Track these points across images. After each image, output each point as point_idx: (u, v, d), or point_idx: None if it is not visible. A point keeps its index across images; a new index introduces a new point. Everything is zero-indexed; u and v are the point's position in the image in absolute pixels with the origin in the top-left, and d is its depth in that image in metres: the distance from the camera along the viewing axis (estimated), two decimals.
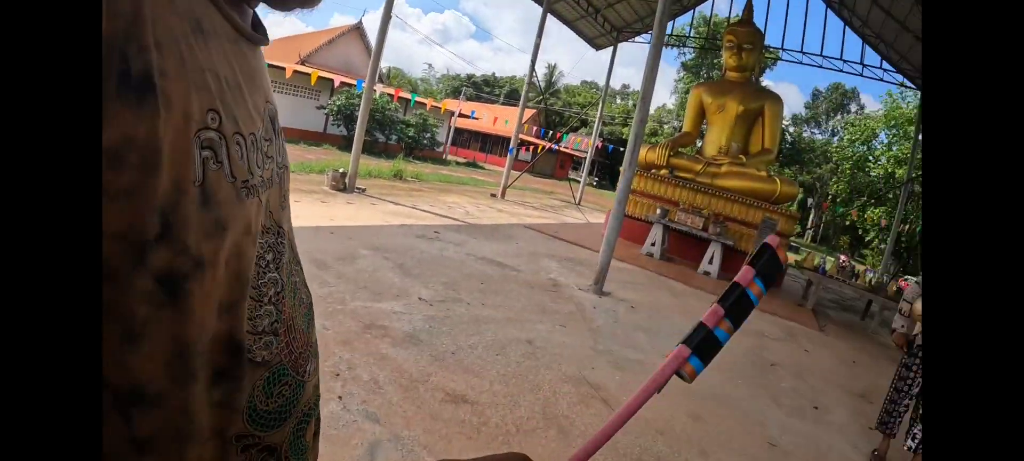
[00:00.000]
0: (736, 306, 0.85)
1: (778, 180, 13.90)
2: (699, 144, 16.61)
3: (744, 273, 0.83)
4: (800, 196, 47.95)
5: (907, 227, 25.76)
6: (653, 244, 12.80)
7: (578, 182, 26.39)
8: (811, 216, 49.37)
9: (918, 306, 5.01)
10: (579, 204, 22.86)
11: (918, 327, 4.97)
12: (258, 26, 0.68)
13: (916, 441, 4.90)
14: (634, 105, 67.30)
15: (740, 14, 16.26)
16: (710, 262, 12.45)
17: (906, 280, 17.51)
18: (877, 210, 35.93)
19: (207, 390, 0.56)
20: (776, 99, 15.18)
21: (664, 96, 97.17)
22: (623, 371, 5.34)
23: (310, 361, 0.71)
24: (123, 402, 0.49)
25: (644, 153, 14.69)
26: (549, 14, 19.45)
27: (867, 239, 41.11)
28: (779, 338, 8.66)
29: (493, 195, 18.48)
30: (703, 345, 0.83)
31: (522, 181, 26.34)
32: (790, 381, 6.67)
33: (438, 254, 7.92)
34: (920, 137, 26.62)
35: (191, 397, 0.54)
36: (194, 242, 0.51)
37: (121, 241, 0.46)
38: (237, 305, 0.58)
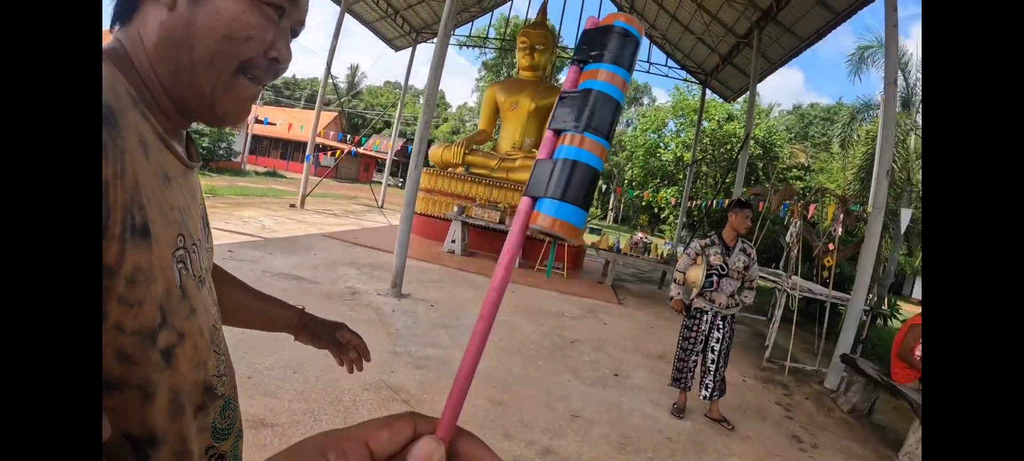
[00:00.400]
0: (575, 110, 0.57)
1: None
2: (496, 140, 16.95)
3: (569, 74, 0.57)
4: (600, 183, 50.32)
5: (695, 203, 27.91)
6: (454, 241, 12.92)
7: (380, 184, 26.10)
8: (611, 200, 52.14)
9: (691, 274, 5.43)
10: (382, 207, 22.56)
11: (694, 292, 5.40)
12: (190, 144, 0.92)
13: (709, 390, 5.42)
14: (437, 104, 67.71)
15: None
16: None
17: None
18: (670, 190, 38.87)
19: (192, 420, 0.82)
20: None
21: (466, 95, 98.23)
22: (423, 369, 5.34)
23: (237, 392, 1.00)
24: (141, 446, 0.73)
25: (440, 152, 14.86)
26: (348, 15, 19.06)
27: (663, 216, 44.34)
28: (579, 316, 9.06)
29: (293, 205, 17.74)
30: (543, 181, 0.55)
31: (325, 188, 25.66)
32: (591, 354, 6.99)
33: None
34: (704, 124, 29.37)
35: (183, 427, 0.79)
36: (179, 324, 0.77)
37: (139, 334, 0.70)
38: (206, 360, 0.85)
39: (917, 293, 34.83)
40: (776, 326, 8.56)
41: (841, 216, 10.36)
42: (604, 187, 48.77)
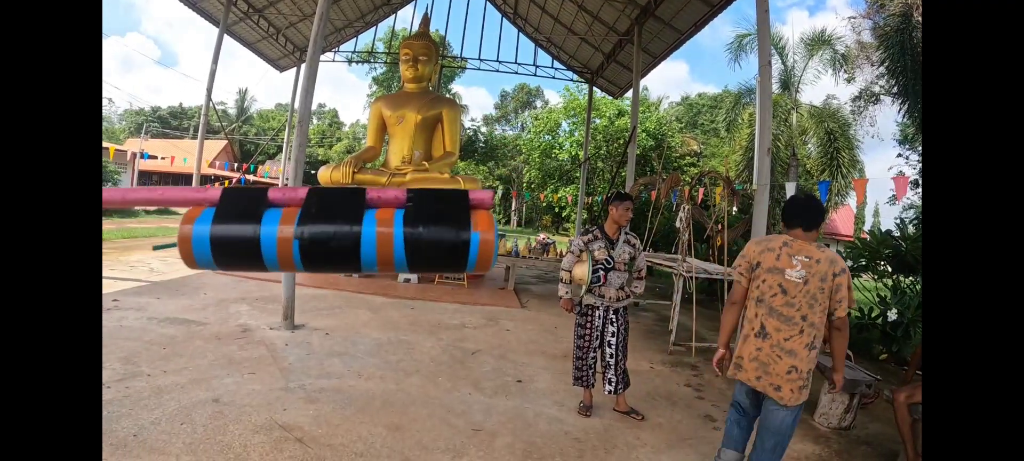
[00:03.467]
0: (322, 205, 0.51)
1: (461, 179, 14.54)
2: (385, 156, 16.59)
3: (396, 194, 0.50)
4: (500, 188, 50.76)
5: (592, 199, 28.40)
6: None
7: None
8: (513, 203, 52.52)
9: (577, 271, 5.44)
10: None
11: (582, 289, 5.43)
12: None
13: (612, 384, 5.46)
14: (330, 124, 66.48)
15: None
16: None
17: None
18: (568, 188, 39.40)
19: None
20: (453, 105, 15.72)
21: (359, 111, 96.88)
22: (316, 403, 5.17)
23: None
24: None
25: (329, 173, 14.41)
26: (228, 36, 18.40)
27: (564, 214, 44.93)
28: (480, 326, 9.03)
29: None
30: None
31: None
32: (493, 363, 6.95)
33: (116, 326, 7.05)
34: (595, 121, 29.96)
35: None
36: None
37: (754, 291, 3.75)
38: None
39: None
40: (677, 310, 8.77)
41: (727, 196, 10.76)
42: (503, 191, 49.05)
